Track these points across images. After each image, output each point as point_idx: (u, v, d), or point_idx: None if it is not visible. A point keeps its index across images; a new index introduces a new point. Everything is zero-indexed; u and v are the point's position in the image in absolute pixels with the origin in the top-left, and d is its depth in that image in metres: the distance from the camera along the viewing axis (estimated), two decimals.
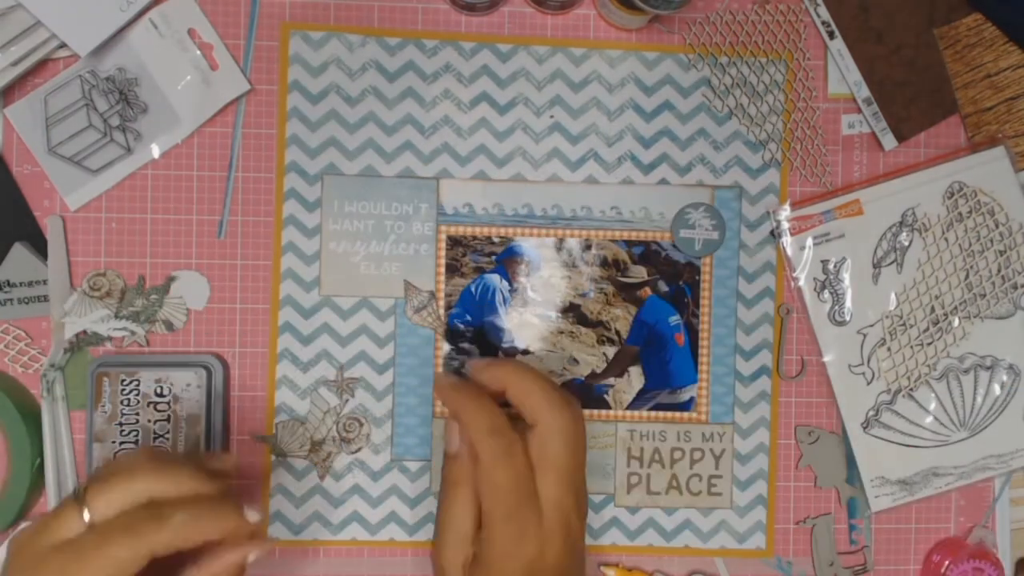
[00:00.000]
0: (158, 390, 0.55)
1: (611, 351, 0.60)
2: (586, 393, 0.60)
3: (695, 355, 0.60)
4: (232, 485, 0.57)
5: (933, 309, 0.60)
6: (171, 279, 0.58)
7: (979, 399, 0.60)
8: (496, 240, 0.59)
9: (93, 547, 0.39)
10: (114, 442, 0.55)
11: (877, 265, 0.60)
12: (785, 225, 0.60)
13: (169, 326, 0.57)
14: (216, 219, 0.58)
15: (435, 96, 0.59)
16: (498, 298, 0.59)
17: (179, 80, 0.57)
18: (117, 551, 0.39)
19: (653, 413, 0.60)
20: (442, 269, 0.59)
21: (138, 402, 0.55)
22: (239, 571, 0.43)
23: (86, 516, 0.40)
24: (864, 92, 0.60)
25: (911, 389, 0.60)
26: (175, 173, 0.58)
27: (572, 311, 0.60)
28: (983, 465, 0.61)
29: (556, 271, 0.60)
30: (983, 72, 0.60)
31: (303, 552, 0.59)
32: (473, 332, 0.59)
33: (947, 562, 0.60)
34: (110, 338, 0.57)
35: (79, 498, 0.41)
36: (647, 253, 0.60)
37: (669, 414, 0.60)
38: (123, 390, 0.55)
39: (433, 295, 0.59)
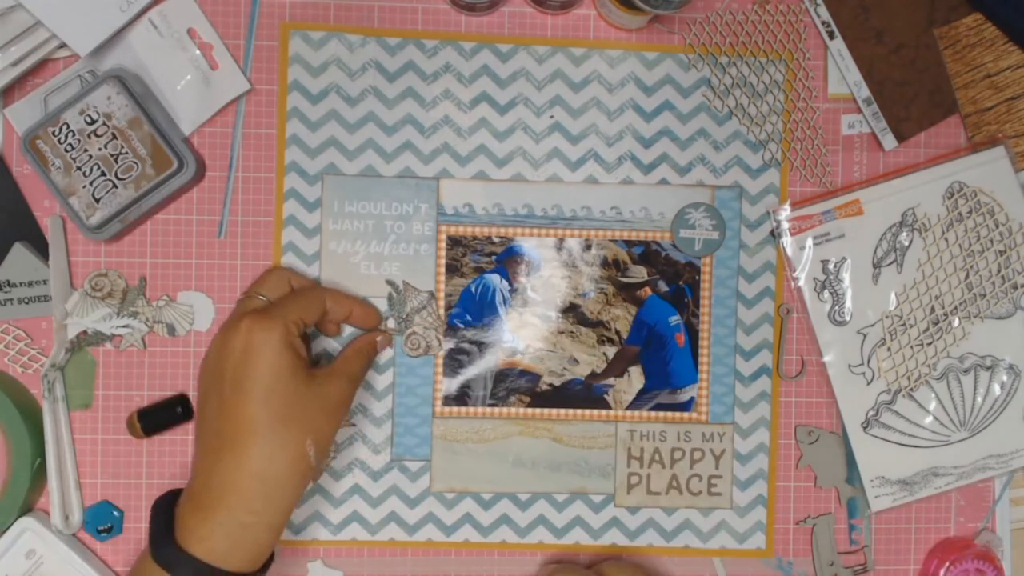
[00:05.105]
0: (88, 119, 0.54)
1: (611, 351, 0.60)
2: (586, 393, 0.60)
3: (695, 355, 0.60)
4: None
5: (933, 309, 0.60)
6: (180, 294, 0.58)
7: (979, 399, 0.60)
8: (496, 240, 0.59)
9: (291, 300, 0.52)
10: (85, 187, 0.54)
11: (877, 265, 0.60)
12: (785, 225, 0.60)
13: (171, 330, 0.57)
14: (216, 219, 0.58)
15: (435, 96, 0.59)
16: (498, 298, 0.59)
17: (179, 80, 0.57)
18: (305, 302, 0.53)
19: (653, 413, 0.60)
20: (442, 269, 0.59)
21: (78, 140, 0.54)
22: (373, 350, 0.57)
23: (262, 298, 0.53)
24: (864, 92, 0.60)
25: (911, 389, 0.60)
26: None
27: (572, 311, 0.60)
28: (983, 465, 0.61)
29: (556, 271, 0.60)
30: (983, 72, 0.60)
31: (303, 552, 0.59)
32: (473, 332, 0.59)
33: (948, 562, 0.60)
34: (111, 337, 0.57)
35: (252, 294, 0.53)
36: (647, 253, 0.60)
37: (669, 414, 0.60)
38: (59, 140, 0.54)
39: (433, 295, 0.59)
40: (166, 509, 0.49)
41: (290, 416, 0.48)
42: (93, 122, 0.54)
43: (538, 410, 0.59)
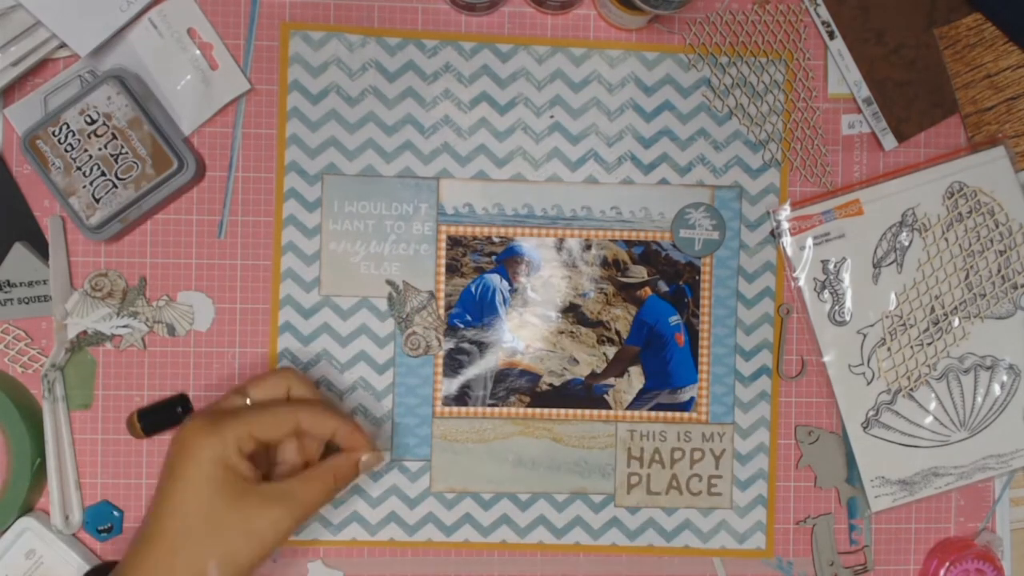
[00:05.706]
0: (88, 119, 0.54)
1: (611, 351, 0.60)
2: (586, 393, 0.60)
3: (695, 355, 0.60)
4: None
5: (933, 309, 0.60)
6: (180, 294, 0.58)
7: (979, 399, 0.60)
8: (496, 240, 0.59)
9: (251, 413, 0.49)
10: (85, 187, 0.54)
11: (877, 265, 0.60)
12: (785, 225, 0.60)
13: (171, 330, 0.57)
14: (216, 219, 0.58)
15: (435, 96, 0.59)
16: (498, 298, 0.59)
17: (179, 80, 0.57)
18: (269, 418, 0.49)
19: (653, 413, 0.60)
20: (442, 269, 0.59)
21: (78, 140, 0.54)
22: (354, 472, 0.51)
23: (247, 400, 0.50)
24: (864, 92, 0.60)
25: (911, 389, 0.60)
26: None
27: (572, 311, 0.60)
28: (983, 465, 0.61)
29: (556, 271, 0.60)
30: (983, 72, 0.60)
31: (303, 552, 0.59)
32: (473, 332, 0.59)
33: (948, 562, 0.60)
34: (111, 337, 0.57)
35: (241, 391, 0.51)
36: (647, 253, 0.60)
37: (669, 414, 0.60)
38: (59, 140, 0.54)
39: (433, 295, 0.59)
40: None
41: (199, 533, 0.46)
42: (93, 122, 0.54)
43: (538, 410, 0.59)
